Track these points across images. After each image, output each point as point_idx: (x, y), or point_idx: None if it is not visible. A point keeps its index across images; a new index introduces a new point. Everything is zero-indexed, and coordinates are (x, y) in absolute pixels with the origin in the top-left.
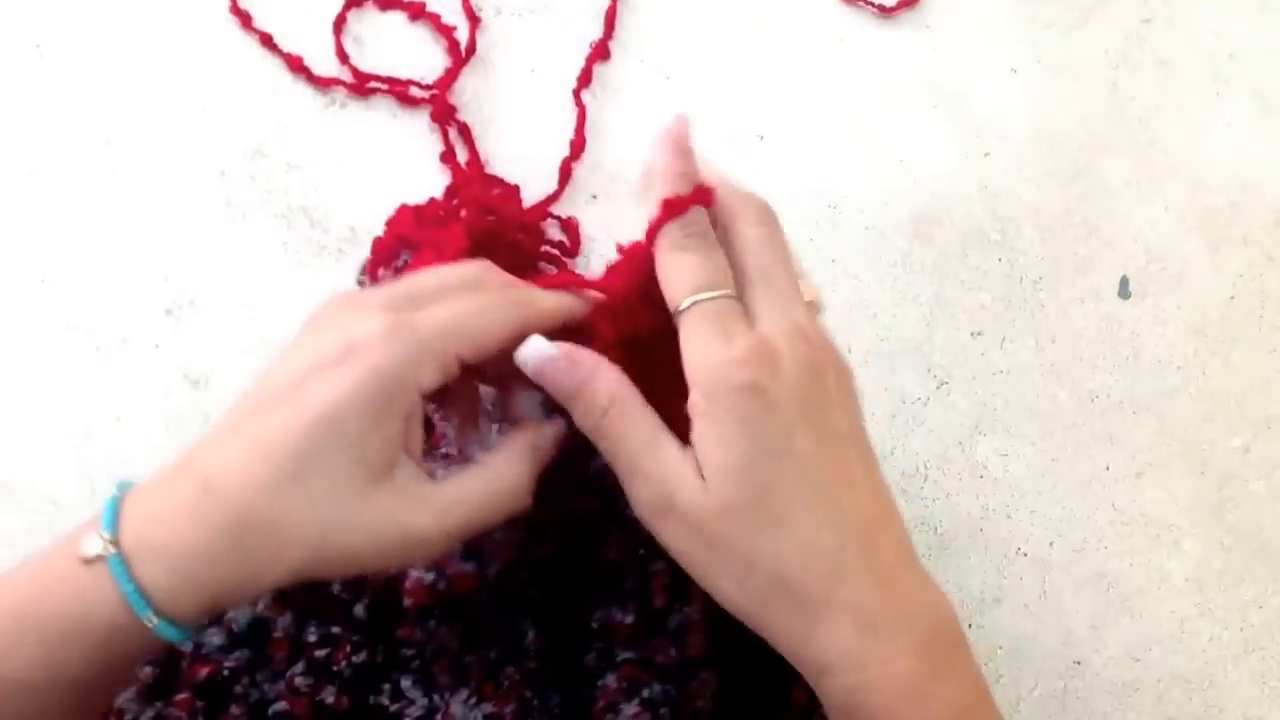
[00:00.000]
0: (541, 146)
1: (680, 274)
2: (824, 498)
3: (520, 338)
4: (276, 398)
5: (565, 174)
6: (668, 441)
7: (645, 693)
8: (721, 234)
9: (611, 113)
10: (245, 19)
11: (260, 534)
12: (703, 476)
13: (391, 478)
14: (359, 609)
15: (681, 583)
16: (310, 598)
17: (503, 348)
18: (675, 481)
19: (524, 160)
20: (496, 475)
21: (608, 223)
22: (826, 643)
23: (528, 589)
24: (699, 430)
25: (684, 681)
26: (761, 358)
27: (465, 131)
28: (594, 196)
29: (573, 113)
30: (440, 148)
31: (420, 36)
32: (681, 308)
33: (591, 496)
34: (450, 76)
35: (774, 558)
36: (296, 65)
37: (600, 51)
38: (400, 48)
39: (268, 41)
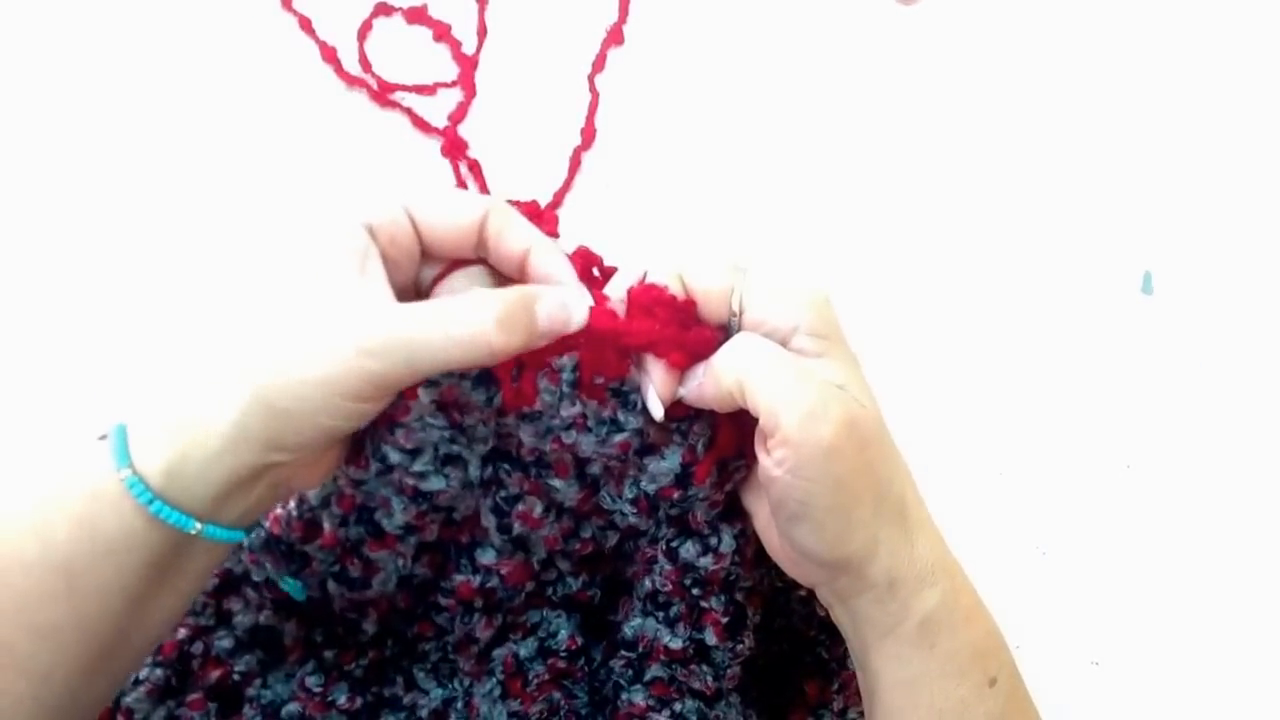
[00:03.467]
0: (553, 135)
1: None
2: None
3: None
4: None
5: (575, 164)
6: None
7: (676, 707)
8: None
9: (625, 100)
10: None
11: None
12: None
13: None
14: (367, 625)
15: (737, 623)
16: (317, 612)
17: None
18: (843, 403)
19: (535, 150)
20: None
21: (621, 211)
22: (926, 554)
23: (566, 578)
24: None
25: (713, 700)
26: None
27: (475, 167)
28: (607, 185)
29: (585, 99)
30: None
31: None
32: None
33: (646, 516)
34: (461, 112)
35: (901, 479)
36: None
37: (615, 36)
38: (410, 45)
39: (306, 26)
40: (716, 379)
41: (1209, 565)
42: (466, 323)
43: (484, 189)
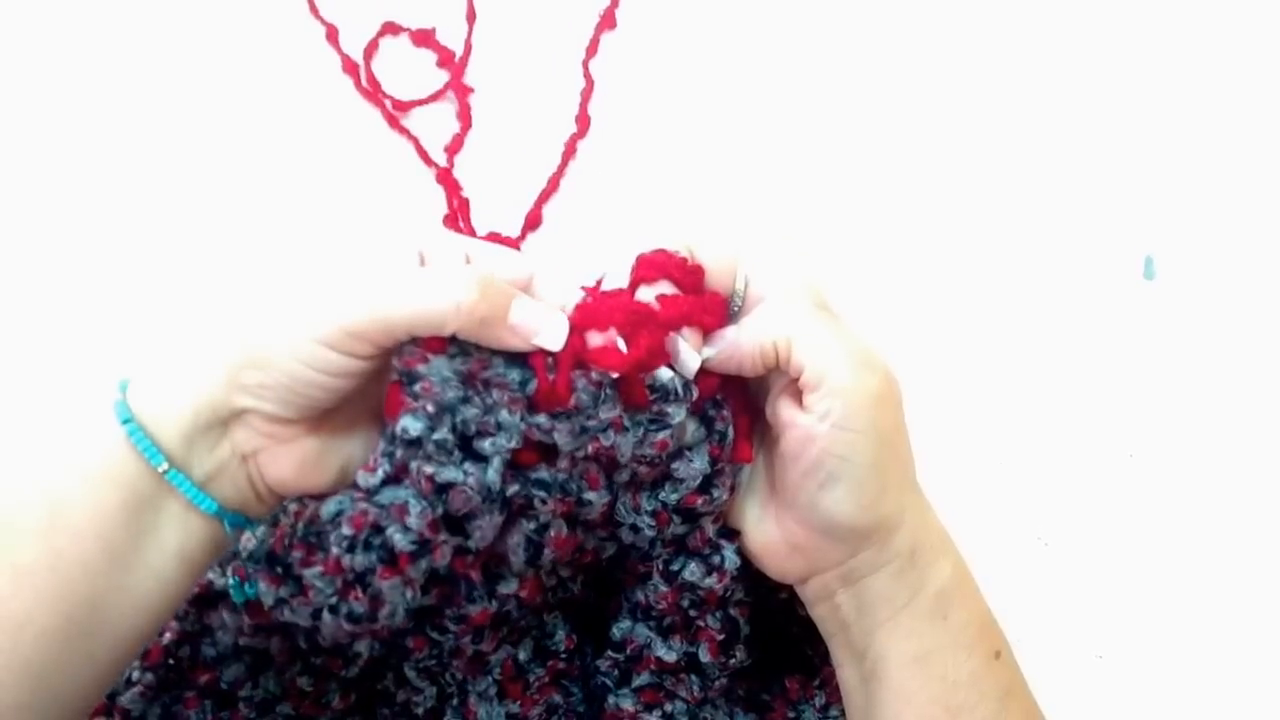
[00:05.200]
0: (547, 123)
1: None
2: None
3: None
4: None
5: (570, 151)
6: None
7: (667, 708)
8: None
9: (619, 87)
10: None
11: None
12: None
13: None
14: (359, 646)
15: (732, 639)
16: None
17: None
18: (876, 375)
19: (530, 138)
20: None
21: (616, 197)
22: (936, 524)
23: (568, 583)
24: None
25: (700, 704)
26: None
27: (464, 206)
28: (603, 171)
29: (579, 86)
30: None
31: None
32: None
33: (660, 531)
34: (456, 144)
35: (911, 449)
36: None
37: (608, 21)
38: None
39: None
40: (756, 338)
41: (1213, 555)
42: (441, 275)
43: (468, 226)
